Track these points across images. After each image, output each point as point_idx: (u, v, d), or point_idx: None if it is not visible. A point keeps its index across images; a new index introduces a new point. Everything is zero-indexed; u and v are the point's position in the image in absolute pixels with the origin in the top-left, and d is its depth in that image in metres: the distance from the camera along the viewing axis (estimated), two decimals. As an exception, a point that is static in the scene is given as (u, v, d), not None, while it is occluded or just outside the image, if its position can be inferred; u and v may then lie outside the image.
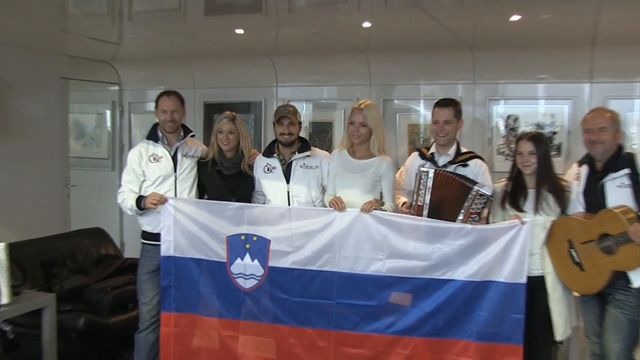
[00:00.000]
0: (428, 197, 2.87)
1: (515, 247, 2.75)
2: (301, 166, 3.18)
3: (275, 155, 3.19)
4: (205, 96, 5.69)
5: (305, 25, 4.11)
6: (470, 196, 2.84)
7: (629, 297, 2.72)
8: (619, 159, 2.77)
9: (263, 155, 3.24)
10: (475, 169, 3.03)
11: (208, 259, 3.07)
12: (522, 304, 2.76)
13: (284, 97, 5.37)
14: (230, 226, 3.05)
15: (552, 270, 2.84)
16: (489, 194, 2.86)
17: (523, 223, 2.76)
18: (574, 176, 2.91)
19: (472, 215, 2.87)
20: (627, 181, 2.73)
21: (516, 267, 2.75)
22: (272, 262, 2.98)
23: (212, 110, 5.50)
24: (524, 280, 2.74)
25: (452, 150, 3.07)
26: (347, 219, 2.89)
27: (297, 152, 3.19)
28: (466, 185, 2.87)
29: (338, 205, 2.90)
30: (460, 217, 2.84)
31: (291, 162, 3.17)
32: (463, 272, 2.79)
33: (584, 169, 2.87)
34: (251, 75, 5.51)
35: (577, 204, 2.85)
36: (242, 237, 3.04)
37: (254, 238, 3.01)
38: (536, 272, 2.86)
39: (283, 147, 3.16)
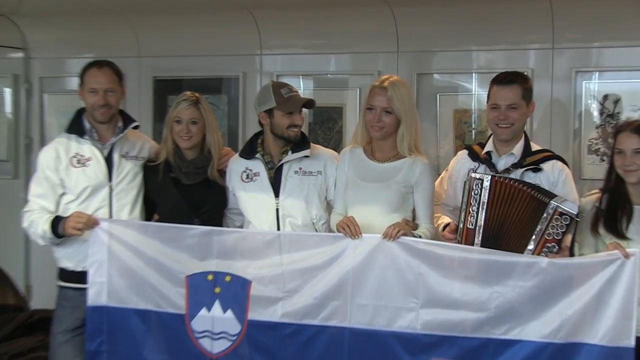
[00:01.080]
0: (483, 217, 2.81)
1: (616, 293, 2.65)
2: (296, 172, 3.15)
3: (258, 155, 3.15)
4: (155, 69, 5.49)
5: None
6: (545, 215, 2.74)
7: None
8: None
9: (240, 156, 3.20)
10: (552, 176, 2.99)
11: (158, 310, 3.01)
12: None
13: (271, 71, 5.20)
14: (192, 261, 3.00)
15: None
16: (574, 212, 2.77)
17: (628, 256, 2.64)
18: None
19: (549, 244, 2.77)
20: None
21: (619, 323, 2.65)
22: (254, 315, 2.92)
23: (165, 89, 5.32)
24: (632, 342, 2.64)
25: (518, 148, 3.04)
26: (363, 250, 2.83)
27: (290, 152, 3.14)
28: (540, 199, 2.79)
29: (351, 228, 2.84)
30: (531, 247, 2.76)
31: (282, 165, 3.13)
32: (537, 330, 2.71)
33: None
34: (224, 39, 5.31)
35: None
36: (210, 277, 2.99)
37: (227, 278, 2.96)
38: None
39: (274, 143, 3.13)
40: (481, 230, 2.84)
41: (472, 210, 2.86)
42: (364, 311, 2.84)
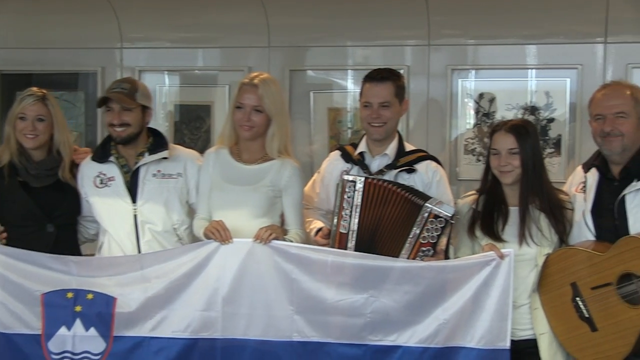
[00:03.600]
0: (356, 221, 2.79)
1: (491, 294, 2.70)
2: (154, 175, 3.11)
3: (112, 159, 3.10)
4: (2, 62, 5.24)
5: None
6: (420, 218, 2.75)
7: None
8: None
9: (93, 159, 3.13)
10: (427, 176, 3.01)
11: (7, 331, 2.87)
12: None
13: (133, 66, 4.99)
14: (48, 276, 2.88)
15: (549, 331, 2.81)
16: (449, 214, 2.78)
17: (502, 257, 2.69)
18: (578, 187, 2.92)
19: (424, 248, 2.78)
20: None
21: (495, 325, 2.71)
22: (120, 331, 2.84)
23: (12, 85, 5.02)
24: (507, 344, 2.70)
25: (391, 149, 3.04)
26: (234, 255, 2.79)
27: (147, 154, 3.11)
28: (414, 201, 2.80)
29: (221, 233, 2.79)
30: (405, 252, 2.77)
31: (138, 169, 3.10)
32: (414, 335, 2.74)
33: (593, 176, 2.86)
34: (80, 30, 5.05)
35: (583, 229, 2.84)
36: (69, 295, 2.88)
37: (89, 296, 2.86)
38: (525, 334, 2.82)
39: (123, 146, 3.11)
40: (355, 235, 2.81)
41: (345, 214, 2.82)
42: (236, 321, 2.79)
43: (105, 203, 3.10)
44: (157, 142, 3.16)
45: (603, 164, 2.83)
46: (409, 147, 3.13)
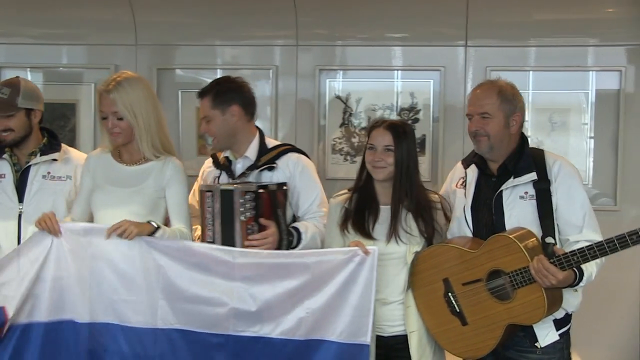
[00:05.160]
0: (219, 229, 2.84)
1: (355, 290, 2.72)
2: (44, 176, 3.14)
3: (5, 156, 3.15)
4: None
5: None
6: (235, 203, 2.79)
7: (546, 357, 2.80)
8: (522, 158, 2.84)
9: None
10: (288, 170, 3.03)
11: None
12: None
13: None
14: None
15: (420, 327, 2.84)
16: (253, 189, 2.85)
17: (367, 253, 2.70)
18: (459, 182, 2.97)
19: (249, 225, 2.80)
20: (532, 191, 2.80)
21: (356, 321, 2.73)
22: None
23: None
24: (367, 339, 2.72)
25: (251, 150, 3.05)
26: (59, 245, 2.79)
27: (38, 154, 3.14)
28: (228, 190, 2.87)
29: (47, 224, 2.76)
30: (237, 236, 2.80)
31: (28, 168, 3.14)
32: (277, 328, 2.79)
33: (473, 172, 2.90)
34: None
35: (462, 224, 2.90)
36: None
37: None
38: (395, 330, 2.85)
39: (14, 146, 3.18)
40: (220, 242, 2.84)
41: (208, 223, 2.85)
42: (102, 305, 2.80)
43: None
44: (50, 144, 3.16)
45: (481, 161, 2.89)
46: (272, 143, 3.15)
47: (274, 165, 3.04)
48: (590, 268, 2.70)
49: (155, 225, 2.78)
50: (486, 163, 2.86)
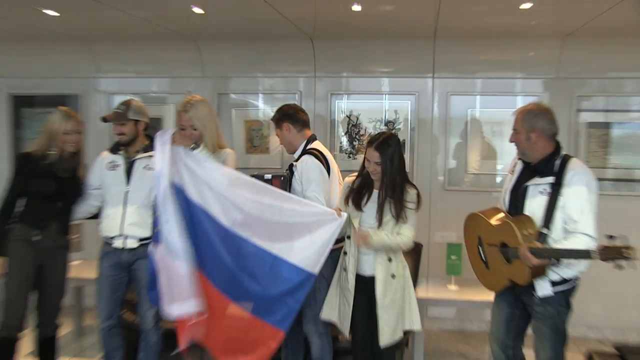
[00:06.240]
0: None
1: (324, 237, 3.07)
2: (144, 167, 3.46)
3: (120, 152, 3.51)
4: (11, 86, 5.73)
5: (129, 9, 4.27)
6: (265, 181, 3.35)
7: (543, 308, 2.98)
8: (550, 163, 2.96)
9: (109, 151, 3.58)
10: (300, 167, 3.42)
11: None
12: (304, 295, 3.10)
13: (106, 90, 5.58)
14: None
15: (382, 278, 3.19)
16: (263, 176, 3.37)
17: (340, 215, 3.10)
18: (510, 169, 3.20)
19: None
20: (549, 189, 2.92)
21: (314, 257, 3.07)
22: None
23: (18, 103, 5.58)
24: (315, 272, 3.07)
25: (298, 152, 3.54)
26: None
27: (141, 152, 3.48)
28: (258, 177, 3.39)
29: None
30: None
31: (134, 161, 3.47)
32: (262, 240, 3.13)
33: (519, 165, 3.13)
34: (67, 65, 5.62)
35: (501, 202, 3.17)
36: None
37: None
38: (368, 273, 3.23)
39: (126, 145, 3.49)
40: None
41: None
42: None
43: (110, 180, 3.50)
44: (150, 145, 3.42)
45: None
46: (313, 146, 3.54)
47: (295, 163, 3.49)
48: (567, 260, 2.88)
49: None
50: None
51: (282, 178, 3.49)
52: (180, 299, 3.14)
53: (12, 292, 3.52)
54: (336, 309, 3.40)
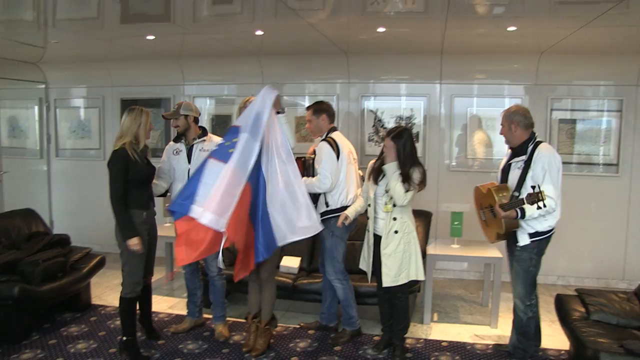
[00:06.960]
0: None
1: (296, 222, 3.52)
2: (200, 150, 3.98)
3: (182, 141, 4.07)
4: (122, 93, 6.60)
5: (208, 33, 4.82)
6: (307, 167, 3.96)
7: (521, 253, 3.42)
8: (524, 147, 3.45)
9: (173, 141, 4.11)
10: (318, 151, 3.91)
11: None
12: (268, 254, 3.48)
13: (190, 94, 6.34)
14: None
15: (385, 232, 3.62)
16: (299, 157, 3.83)
17: (345, 219, 3.71)
18: (507, 154, 3.66)
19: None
20: (522, 165, 3.41)
21: (310, 223, 3.53)
22: None
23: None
24: (279, 245, 3.51)
25: (321, 138, 3.97)
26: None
27: (197, 139, 4.02)
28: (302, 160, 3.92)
29: None
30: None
31: (192, 146, 4.00)
32: (273, 196, 3.50)
33: (509, 151, 3.65)
34: (161, 75, 6.36)
35: (499, 176, 3.64)
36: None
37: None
38: (378, 232, 3.70)
39: (184, 136, 4.01)
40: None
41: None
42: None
43: (176, 162, 3.95)
44: (203, 134, 3.97)
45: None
46: (331, 135, 3.96)
47: (316, 149, 3.92)
48: (530, 211, 3.29)
49: None
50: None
51: (303, 160, 4.03)
52: (218, 214, 3.32)
53: (137, 262, 3.77)
54: (365, 260, 3.87)
